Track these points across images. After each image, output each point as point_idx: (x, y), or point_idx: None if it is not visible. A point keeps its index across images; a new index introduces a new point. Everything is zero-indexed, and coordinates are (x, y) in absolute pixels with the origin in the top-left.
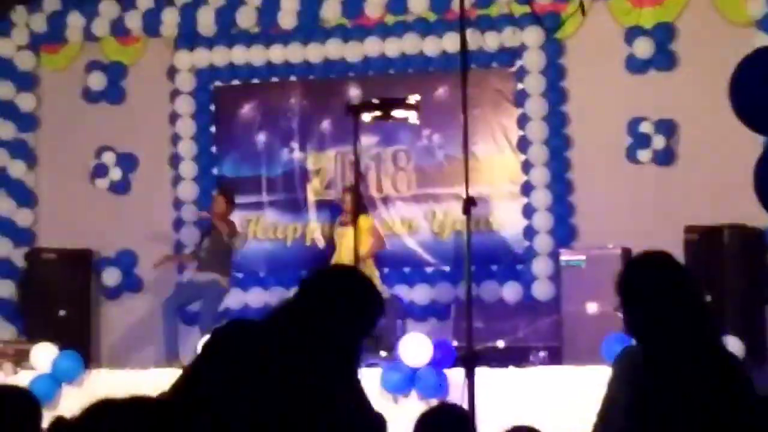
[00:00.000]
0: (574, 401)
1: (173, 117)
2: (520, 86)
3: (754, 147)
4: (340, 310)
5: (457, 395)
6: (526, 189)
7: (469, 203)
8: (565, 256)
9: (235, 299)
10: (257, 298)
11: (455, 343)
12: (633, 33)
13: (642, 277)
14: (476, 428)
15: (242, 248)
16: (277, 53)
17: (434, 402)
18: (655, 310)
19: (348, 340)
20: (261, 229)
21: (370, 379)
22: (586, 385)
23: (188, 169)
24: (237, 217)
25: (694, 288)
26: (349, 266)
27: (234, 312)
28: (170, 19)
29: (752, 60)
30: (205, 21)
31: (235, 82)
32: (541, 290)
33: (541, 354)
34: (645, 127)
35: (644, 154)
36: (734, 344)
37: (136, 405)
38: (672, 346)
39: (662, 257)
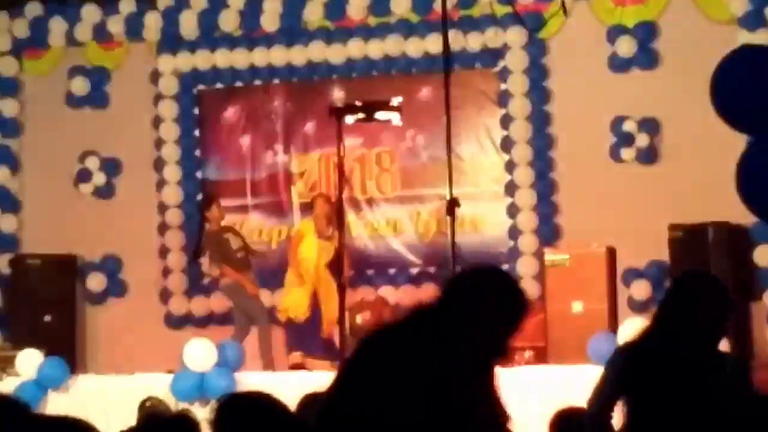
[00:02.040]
0: (560, 400)
1: (157, 121)
2: (503, 86)
3: (737, 144)
4: (488, 313)
5: None
6: (510, 189)
7: (453, 204)
8: (550, 256)
9: (222, 303)
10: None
11: None
12: (615, 32)
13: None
14: None
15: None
16: (261, 56)
17: None
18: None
19: (495, 342)
20: (246, 231)
21: None
22: (571, 384)
23: (172, 173)
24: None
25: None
26: (491, 266)
27: (218, 314)
28: (153, 23)
29: (733, 59)
30: (188, 24)
31: (219, 85)
32: (526, 290)
33: (527, 353)
34: (628, 126)
35: (628, 153)
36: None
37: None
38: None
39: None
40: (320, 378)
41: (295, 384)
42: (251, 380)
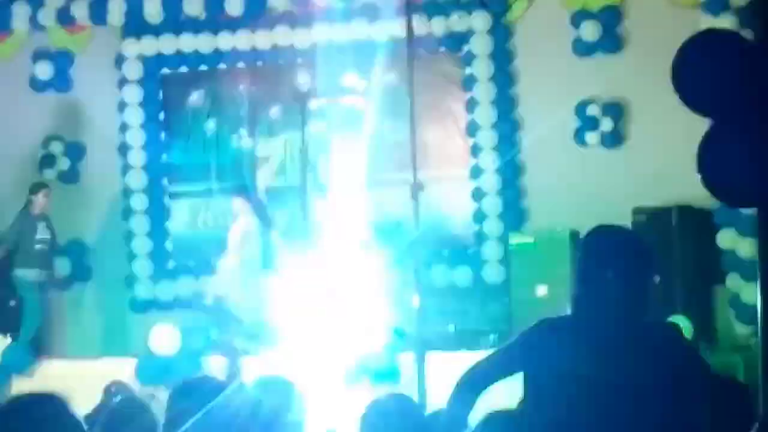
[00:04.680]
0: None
1: (121, 105)
2: (468, 71)
3: (701, 128)
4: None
5: (408, 380)
6: (475, 173)
7: (418, 188)
8: (515, 239)
9: (187, 287)
10: (208, 284)
11: (406, 328)
12: (580, 16)
13: (595, 246)
14: (425, 413)
15: None
16: (225, 40)
17: (386, 388)
18: (596, 282)
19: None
20: (211, 216)
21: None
22: None
23: (137, 157)
24: (187, 204)
25: (643, 264)
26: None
27: (186, 299)
28: (117, 7)
29: (695, 43)
30: (152, 9)
31: (183, 69)
32: (491, 274)
33: (492, 337)
34: (592, 110)
35: (592, 137)
36: (683, 324)
37: None
38: (606, 318)
39: (622, 231)
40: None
41: (262, 368)
42: (215, 364)
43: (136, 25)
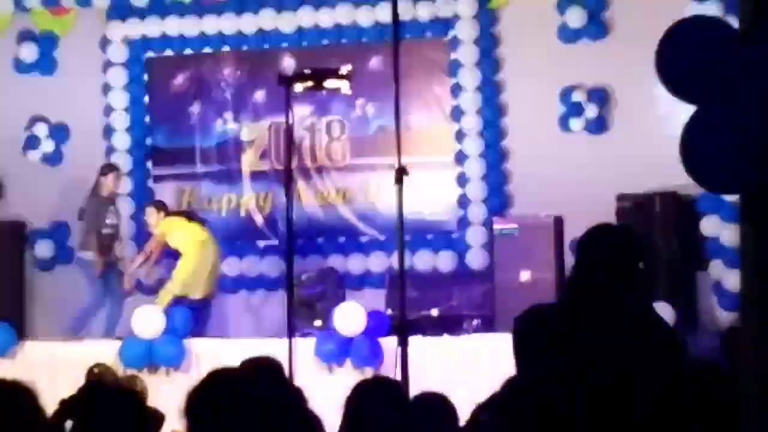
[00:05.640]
0: (507, 369)
1: (106, 88)
2: (453, 56)
3: (685, 115)
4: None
5: (391, 364)
6: (460, 158)
7: (401, 173)
8: (499, 225)
9: (168, 269)
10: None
11: (389, 312)
12: (565, 2)
13: (586, 239)
14: (408, 397)
15: None
16: (211, 24)
17: (369, 371)
18: (584, 269)
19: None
20: (195, 200)
21: (304, 348)
22: None
23: (121, 140)
24: (172, 187)
25: (629, 252)
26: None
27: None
28: None
29: (679, 30)
30: None
31: (168, 52)
32: (475, 259)
33: (475, 322)
34: (577, 96)
35: (577, 123)
36: (666, 311)
37: None
38: (596, 305)
39: (611, 226)
40: (268, 345)
41: (244, 351)
42: (199, 347)
43: (121, 8)
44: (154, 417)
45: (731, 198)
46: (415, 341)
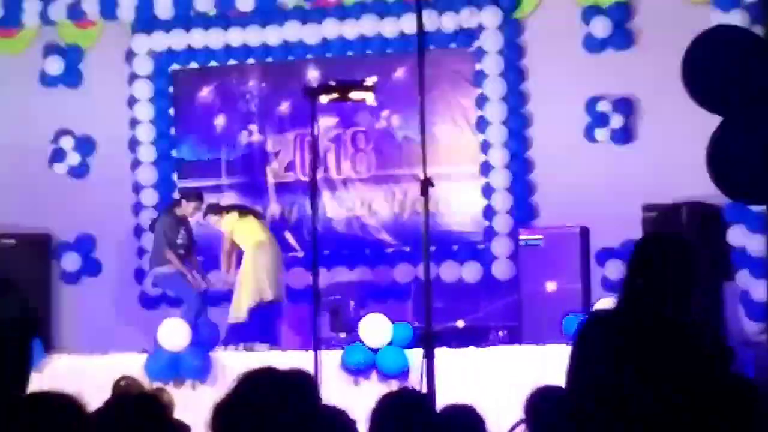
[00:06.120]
0: (534, 380)
1: (131, 101)
2: (478, 66)
3: (710, 124)
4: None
5: (417, 376)
6: (485, 169)
7: (427, 184)
8: (524, 236)
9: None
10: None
11: (415, 324)
12: (590, 12)
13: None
14: (435, 409)
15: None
16: (235, 36)
17: (395, 383)
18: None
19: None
20: None
21: (330, 360)
22: (545, 364)
23: (147, 152)
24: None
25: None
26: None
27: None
28: (127, 2)
29: (705, 39)
30: (163, 4)
31: (193, 65)
32: (501, 270)
33: (501, 333)
34: (603, 106)
35: (602, 133)
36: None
37: None
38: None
39: (670, 236)
40: (293, 357)
41: (270, 364)
42: (225, 360)
43: (146, 21)
44: (180, 430)
45: (757, 208)
46: (441, 353)
